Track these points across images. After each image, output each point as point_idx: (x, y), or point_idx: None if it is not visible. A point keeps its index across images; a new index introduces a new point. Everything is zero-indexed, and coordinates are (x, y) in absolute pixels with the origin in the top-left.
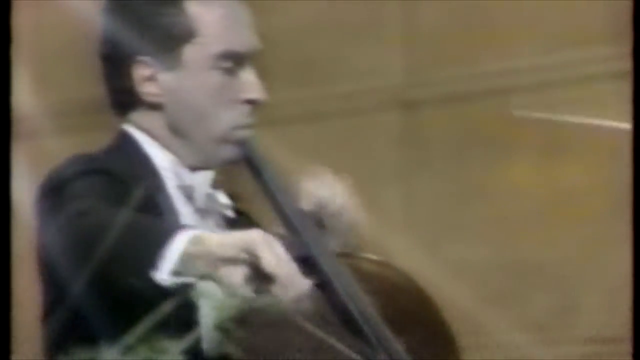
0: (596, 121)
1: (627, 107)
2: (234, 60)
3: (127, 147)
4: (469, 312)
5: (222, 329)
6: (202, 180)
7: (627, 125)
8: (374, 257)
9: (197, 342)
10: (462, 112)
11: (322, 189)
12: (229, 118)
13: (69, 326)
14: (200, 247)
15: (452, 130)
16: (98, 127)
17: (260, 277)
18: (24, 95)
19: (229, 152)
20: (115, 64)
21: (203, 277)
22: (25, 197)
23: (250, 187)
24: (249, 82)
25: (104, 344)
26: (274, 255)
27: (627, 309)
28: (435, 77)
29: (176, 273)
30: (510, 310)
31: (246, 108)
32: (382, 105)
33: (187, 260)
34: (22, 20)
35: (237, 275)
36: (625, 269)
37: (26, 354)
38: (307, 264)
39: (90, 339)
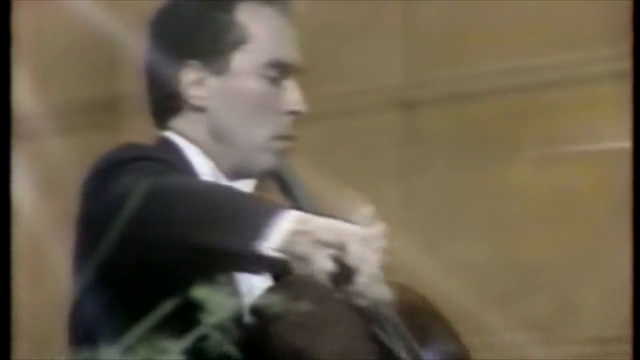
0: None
1: (627, 107)
2: (280, 71)
3: (168, 150)
4: (469, 312)
5: (222, 329)
6: (245, 186)
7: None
8: (394, 280)
9: (197, 342)
10: (462, 112)
11: (357, 215)
12: (270, 127)
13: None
14: (303, 227)
15: (452, 130)
16: (98, 127)
17: (345, 267)
18: (24, 95)
19: (267, 161)
20: (160, 69)
21: (299, 257)
22: (25, 197)
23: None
24: (292, 94)
25: (103, 344)
26: (364, 251)
27: (627, 309)
28: (435, 77)
29: (279, 248)
30: (511, 310)
31: (287, 119)
32: (382, 105)
33: (291, 238)
34: (22, 20)
35: (326, 260)
36: (625, 269)
37: (26, 354)
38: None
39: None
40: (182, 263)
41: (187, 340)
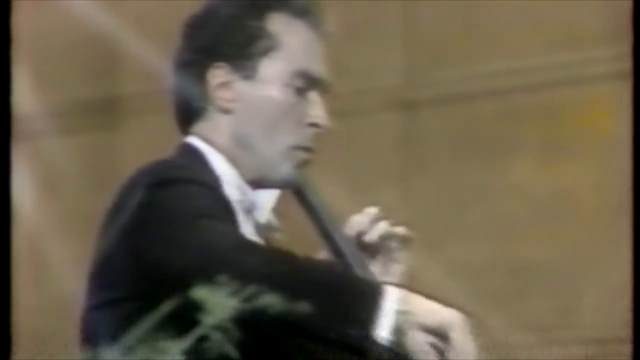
0: None
1: (627, 107)
2: (307, 82)
3: (191, 158)
4: (469, 313)
5: (222, 329)
6: (267, 198)
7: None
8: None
9: (197, 342)
10: (462, 112)
11: (365, 217)
12: (292, 137)
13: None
14: (406, 307)
15: (452, 130)
16: (98, 127)
17: (442, 356)
18: (24, 95)
19: (287, 170)
20: (192, 70)
21: (402, 338)
22: (25, 197)
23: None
24: (317, 107)
25: (103, 344)
26: (464, 343)
27: (627, 309)
28: (435, 77)
29: (393, 331)
30: (511, 310)
31: (310, 131)
32: (382, 105)
33: (399, 320)
34: (22, 20)
35: (426, 344)
36: (625, 269)
37: (26, 354)
38: None
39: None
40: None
41: (187, 341)
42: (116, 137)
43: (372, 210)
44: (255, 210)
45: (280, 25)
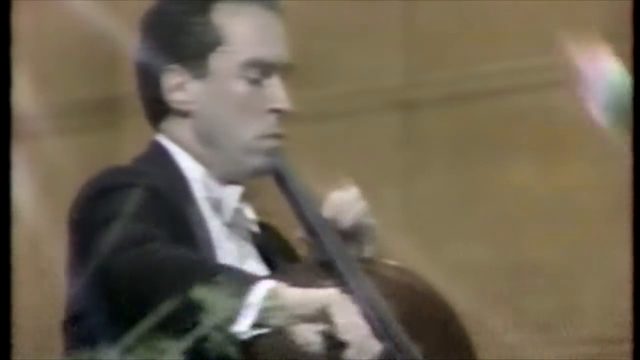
0: None
1: None
2: (261, 70)
3: (159, 157)
4: (469, 312)
5: (222, 329)
6: (232, 193)
7: None
8: (393, 263)
9: (197, 343)
10: (462, 112)
11: (345, 198)
12: (256, 127)
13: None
14: (275, 302)
15: (452, 131)
16: (98, 127)
17: (332, 339)
18: (24, 95)
19: (256, 161)
20: (147, 73)
21: (280, 333)
22: (25, 197)
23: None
24: (275, 92)
25: (103, 344)
26: (348, 319)
27: (627, 309)
28: (435, 77)
29: (254, 326)
30: (511, 310)
31: (272, 118)
32: (382, 106)
33: (263, 314)
34: (22, 20)
35: (311, 334)
36: (625, 269)
37: (26, 354)
38: (328, 270)
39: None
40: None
41: (187, 341)
42: (116, 137)
43: (350, 192)
44: (222, 206)
45: (226, 16)
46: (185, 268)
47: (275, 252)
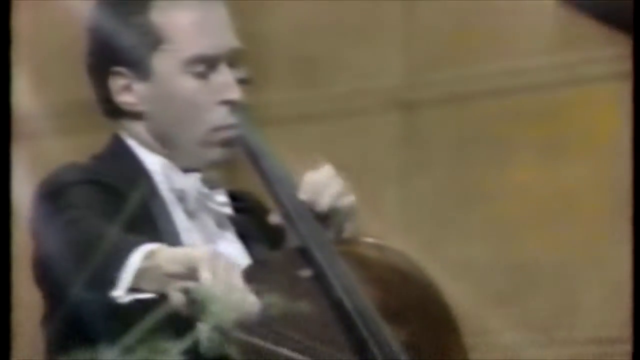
0: None
1: (627, 107)
2: (206, 64)
3: (119, 151)
4: (469, 312)
5: (221, 330)
6: (192, 182)
7: None
8: (373, 240)
9: (197, 343)
10: (462, 112)
11: (320, 178)
12: (208, 121)
13: (68, 328)
14: (151, 262)
15: (452, 131)
16: (98, 128)
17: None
18: (24, 95)
19: (214, 154)
20: (95, 75)
21: (155, 292)
22: (25, 197)
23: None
24: (224, 84)
25: (103, 344)
26: (215, 274)
27: (627, 309)
28: (435, 77)
29: (133, 289)
30: (510, 310)
31: (224, 109)
32: (382, 106)
33: (139, 276)
34: (22, 20)
35: (178, 294)
36: (625, 268)
37: (26, 354)
38: (303, 254)
39: (90, 340)
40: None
41: (187, 341)
42: None
43: (324, 171)
44: (186, 195)
45: (164, 14)
46: (92, 237)
47: (254, 234)
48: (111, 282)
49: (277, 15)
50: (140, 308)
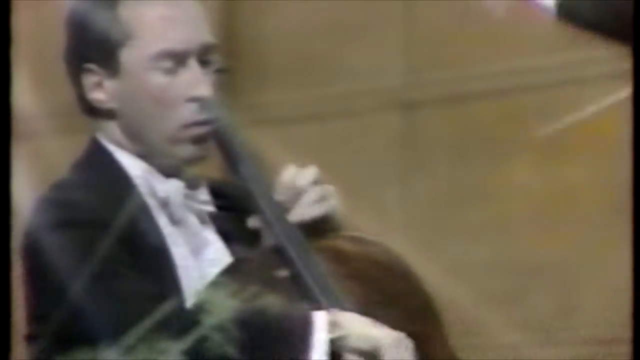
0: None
1: (627, 107)
2: (174, 59)
3: (99, 158)
4: (469, 312)
5: (222, 330)
6: (175, 188)
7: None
8: (351, 233)
9: (197, 343)
10: (462, 112)
11: (300, 183)
12: (177, 117)
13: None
14: (339, 334)
15: (452, 131)
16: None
17: None
18: (24, 95)
19: (186, 151)
20: (70, 72)
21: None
22: (25, 197)
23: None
24: (193, 80)
25: (103, 344)
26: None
27: (627, 309)
28: (435, 77)
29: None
30: (510, 310)
31: (193, 106)
32: (382, 106)
33: (331, 347)
34: (22, 20)
35: None
36: (625, 269)
37: (26, 354)
38: (280, 254)
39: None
40: None
41: (187, 341)
42: None
43: (307, 175)
44: (169, 203)
45: (132, 9)
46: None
47: (233, 233)
48: (307, 349)
49: (277, 15)
50: None
